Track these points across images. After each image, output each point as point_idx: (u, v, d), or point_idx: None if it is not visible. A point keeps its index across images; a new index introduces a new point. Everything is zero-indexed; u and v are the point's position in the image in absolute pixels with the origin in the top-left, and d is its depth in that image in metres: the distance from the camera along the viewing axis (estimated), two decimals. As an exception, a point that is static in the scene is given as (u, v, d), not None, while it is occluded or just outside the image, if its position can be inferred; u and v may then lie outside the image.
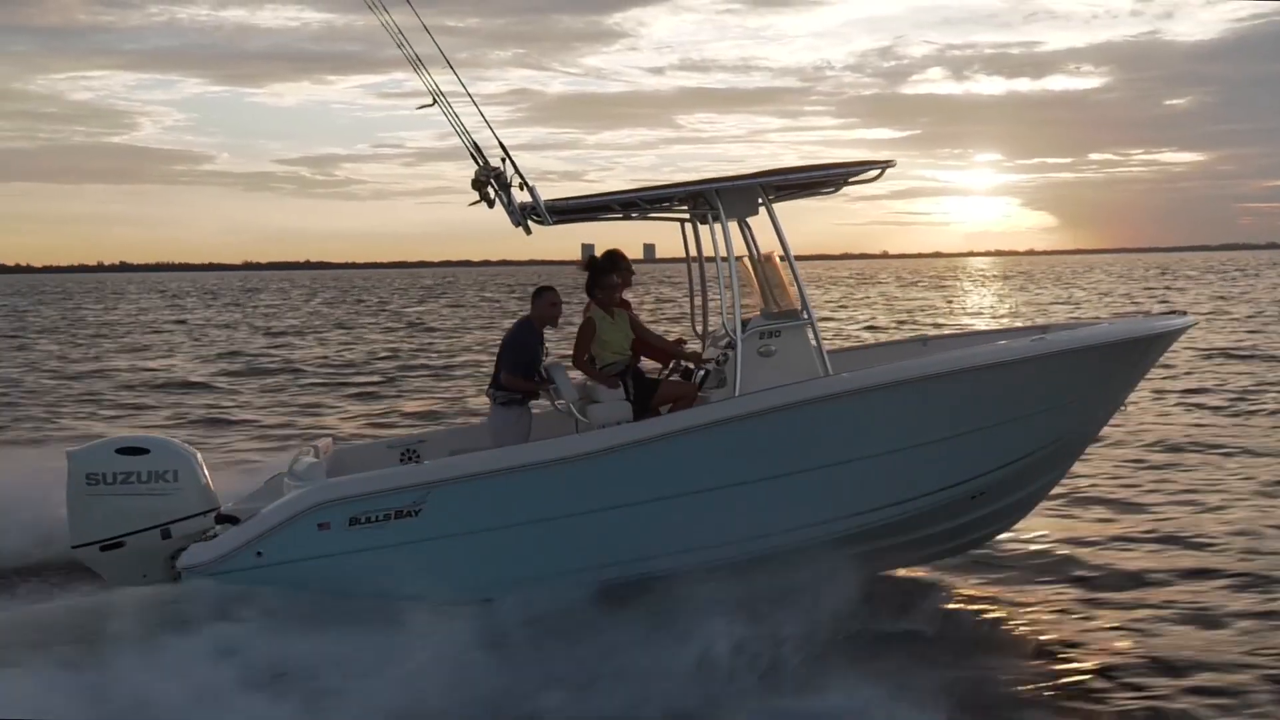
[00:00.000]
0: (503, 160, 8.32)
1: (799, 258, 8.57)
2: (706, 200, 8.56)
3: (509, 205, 8.33)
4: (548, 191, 8.33)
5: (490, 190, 8.39)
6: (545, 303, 9.00)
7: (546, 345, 9.14)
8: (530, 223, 8.50)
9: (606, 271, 8.85)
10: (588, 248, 9.49)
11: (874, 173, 8.62)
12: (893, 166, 8.51)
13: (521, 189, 8.29)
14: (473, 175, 8.39)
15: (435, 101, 8.30)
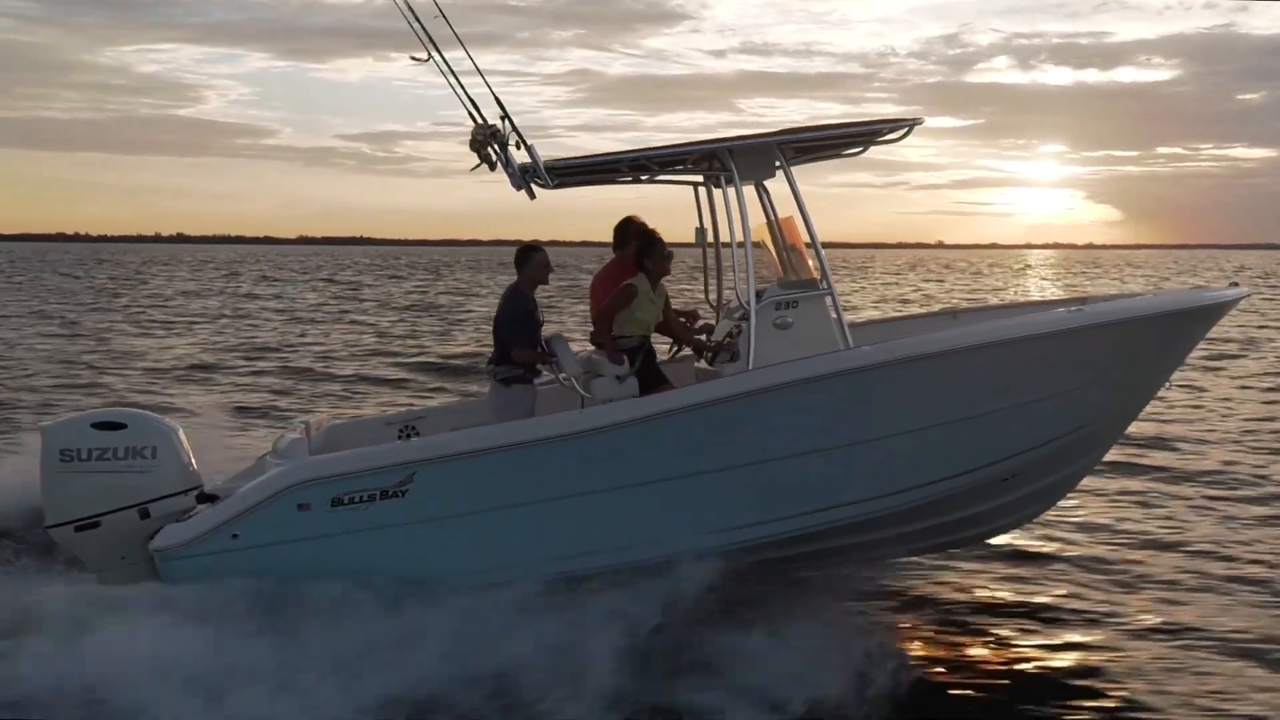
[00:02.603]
0: (502, 119, 7.92)
1: (855, 245, 8.02)
2: (720, 162, 8.03)
3: (509, 166, 7.92)
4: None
5: (490, 151, 7.99)
6: (538, 264, 8.53)
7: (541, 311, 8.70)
8: (534, 186, 8.09)
9: (659, 243, 8.35)
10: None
11: (899, 132, 8.04)
12: (920, 124, 7.95)
13: (519, 148, 7.89)
14: (470, 135, 7.99)
15: (430, 57, 7.92)
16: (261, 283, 69.26)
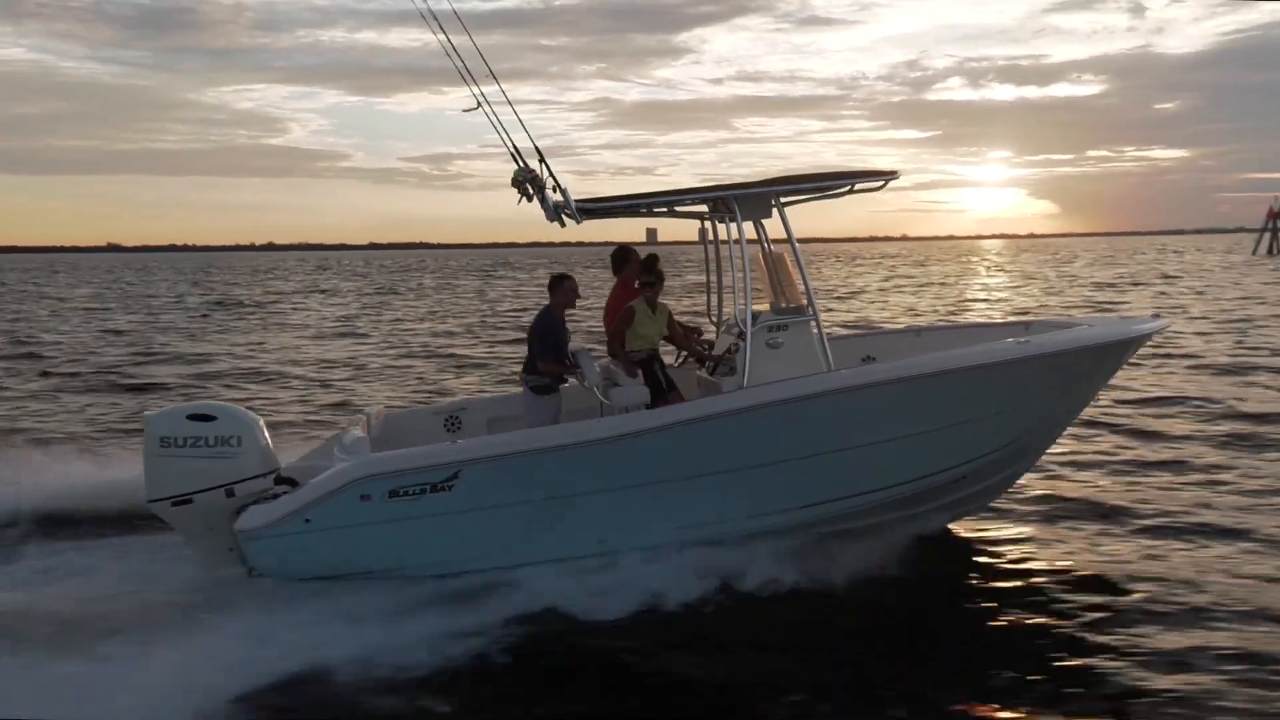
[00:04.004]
0: (539, 162, 7.67)
1: (833, 239, 7.76)
2: (725, 204, 7.84)
3: (544, 203, 7.68)
4: (624, 181, 7.74)
5: (528, 188, 7.74)
6: (567, 290, 8.42)
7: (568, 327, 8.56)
8: (563, 219, 7.85)
9: (650, 271, 8.34)
10: (652, 232, 8.79)
11: (878, 183, 7.86)
12: (896, 178, 7.77)
13: (554, 190, 7.65)
14: (512, 176, 7.74)
15: (479, 105, 7.64)
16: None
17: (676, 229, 9.47)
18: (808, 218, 8.10)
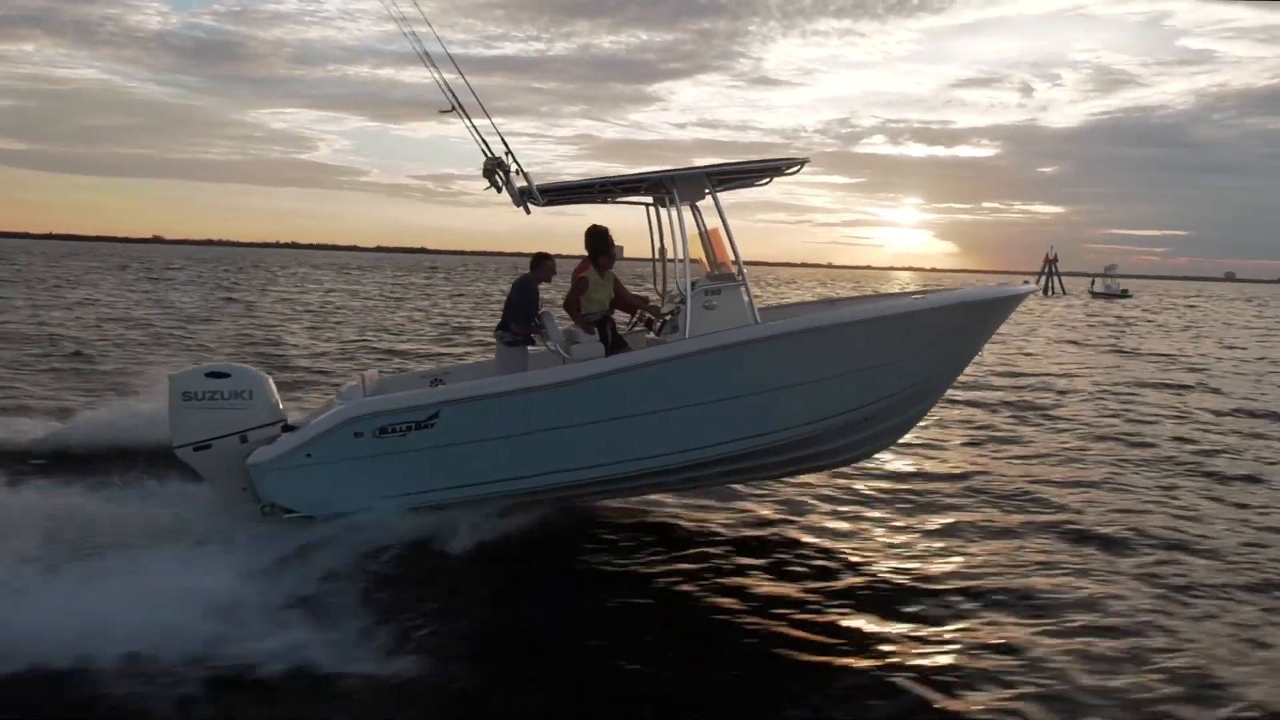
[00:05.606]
0: (506, 154, 7.51)
1: (777, 264, 7.66)
2: (664, 187, 7.69)
3: (511, 189, 7.51)
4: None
5: (497, 177, 7.56)
6: (547, 268, 8.42)
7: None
8: (529, 204, 7.69)
9: (609, 245, 8.27)
10: (619, 249, 8.78)
11: (794, 168, 7.73)
12: (807, 162, 7.64)
13: (518, 175, 7.50)
14: (483, 165, 7.57)
15: (454, 108, 7.46)
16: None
17: (643, 248, 9.37)
18: (754, 244, 7.97)
